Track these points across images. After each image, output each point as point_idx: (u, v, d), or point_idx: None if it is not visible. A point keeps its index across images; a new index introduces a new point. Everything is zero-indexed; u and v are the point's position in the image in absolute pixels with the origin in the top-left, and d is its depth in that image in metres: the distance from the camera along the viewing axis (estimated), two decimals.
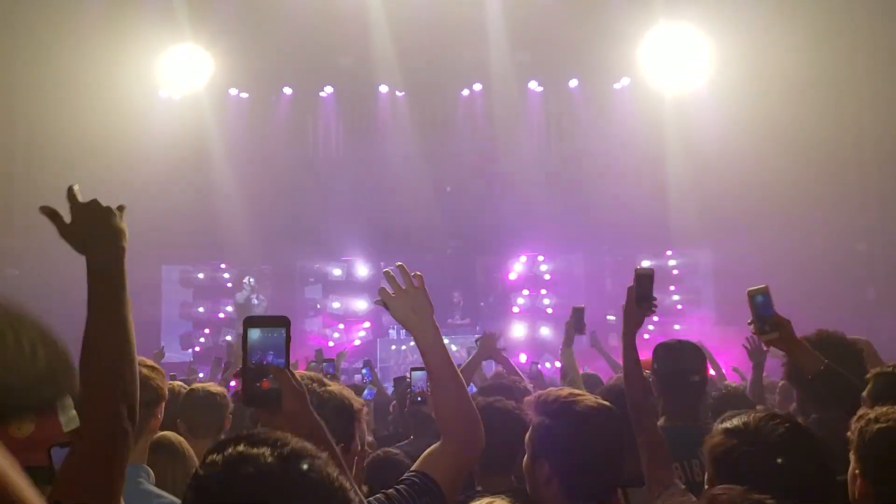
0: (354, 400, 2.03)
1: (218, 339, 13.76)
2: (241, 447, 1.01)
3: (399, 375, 7.41)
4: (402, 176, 13.89)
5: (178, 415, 3.09)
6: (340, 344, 13.37)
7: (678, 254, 14.31)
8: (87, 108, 11.86)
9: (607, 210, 13.87)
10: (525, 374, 5.17)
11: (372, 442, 3.79)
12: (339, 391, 2.00)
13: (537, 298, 14.96)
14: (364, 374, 7.55)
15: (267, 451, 1.00)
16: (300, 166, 14.42)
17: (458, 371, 2.03)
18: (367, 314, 14.67)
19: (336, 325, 14.73)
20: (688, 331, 11.82)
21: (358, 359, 11.02)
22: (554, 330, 13.52)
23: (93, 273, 1.54)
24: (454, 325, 13.39)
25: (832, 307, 9.82)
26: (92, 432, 1.43)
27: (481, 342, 4.97)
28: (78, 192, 1.60)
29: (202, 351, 13.52)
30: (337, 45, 13.58)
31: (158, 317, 13.55)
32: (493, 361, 5.38)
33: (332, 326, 14.69)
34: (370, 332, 14.59)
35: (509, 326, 13.66)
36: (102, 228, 1.57)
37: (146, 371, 2.30)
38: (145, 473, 2.25)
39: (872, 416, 1.76)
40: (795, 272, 10.53)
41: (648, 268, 2.78)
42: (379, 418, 5.78)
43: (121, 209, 1.63)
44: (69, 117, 11.86)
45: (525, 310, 14.78)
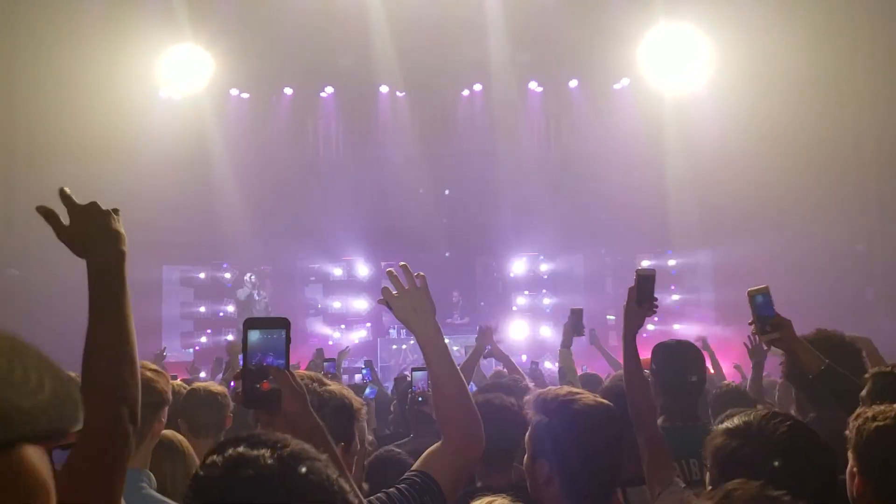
0: (354, 399, 2.03)
1: (219, 338, 13.76)
2: (241, 449, 1.01)
3: (399, 375, 7.42)
4: (402, 176, 13.89)
5: (179, 414, 3.09)
6: (341, 344, 13.37)
7: (678, 254, 14.31)
8: (87, 108, 11.85)
9: (607, 210, 13.88)
10: (525, 374, 5.17)
11: (372, 441, 3.79)
12: (338, 391, 2.00)
13: (537, 298, 14.97)
14: (364, 373, 7.55)
15: (267, 452, 1.00)
16: (300, 166, 14.42)
17: (460, 371, 2.03)
18: (367, 314, 14.67)
19: (336, 325, 14.73)
20: (689, 330, 11.82)
21: (358, 358, 11.02)
22: (554, 330, 13.52)
23: (94, 276, 1.53)
24: (453, 324, 13.37)
25: (831, 307, 9.82)
26: (93, 433, 1.39)
27: (478, 334, 4.97)
28: (70, 193, 1.57)
29: (203, 351, 13.53)
30: (337, 46, 13.59)
31: (159, 317, 13.56)
32: (493, 360, 5.38)
33: (332, 326, 14.70)
34: (370, 331, 14.59)
35: (509, 326, 13.66)
36: (102, 231, 1.55)
37: (150, 374, 2.29)
38: (147, 478, 2.24)
39: (870, 414, 1.76)
40: (795, 272, 10.54)
41: (650, 269, 2.79)
42: (379, 418, 5.78)
43: (116, 212, 1.61)
44: (69, 117, 11.85)
45: (525, 310, 14.79)
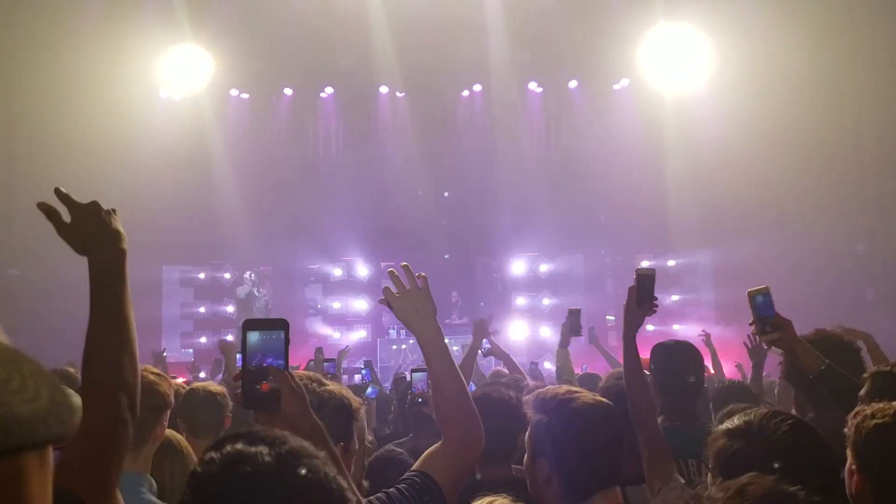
0: (353, 399, 2.04)
1: (218, 339, 13.75)
2: (239, 445, 1.01)
3: (398, 375, 7.41)
4: (401, 176, 13.89)
5: (178, 414, 3.09)
6: (340, 344, 13.36)
7: (678, 254, 14.30)
8: (87, 108, 11.86)
9: (607, 210, 13.89)
10: (525, 374, 5.17)
11: (372, 441, 3.79)
12: (338, 391, 2.00)
13: (537, 299, 14.96)
14: (364, 373, 7.55)
15: (265, 449, 1.00)
16: (300, 167, 14.42)
17: (460, 371, 2.03)
18: (366, 314, 14.67)
19: (336, 325, 14.73)
20: (688, 331, 11.81)
21: (357, 359, 11.02)
22: (553, 330, 13.49)
23: (95, 274, 1.55)
24: (452, 325, 13.32)
25: (831, 307, 9.80)
26: (91, 422, 1.42)
27: (473, 327, 4.95)
28: (67, 193, 1.59)
29: (202, 351, 13.52)
30: (337, 46, 13.59)
31: (159, 317, 13.56)
32: (493, 358, 5.38)
33: (332, 326, 14.70)
34: (370, 332, 14.58)
35: (509, 326, 13.66)
36: (103, 230, 1.58)
37: (152, 377, 2.31)
38: (147, 483, 2.24)
39: (869, 412, 1.75)
40: (795, 272, 10.54)
41: (650, 268, 2.79)
42: (379, 417, 5.78)
43: (114, 212, 1.63)
44: (69, 117, 11.86)
45: (525, 310, 14.78)
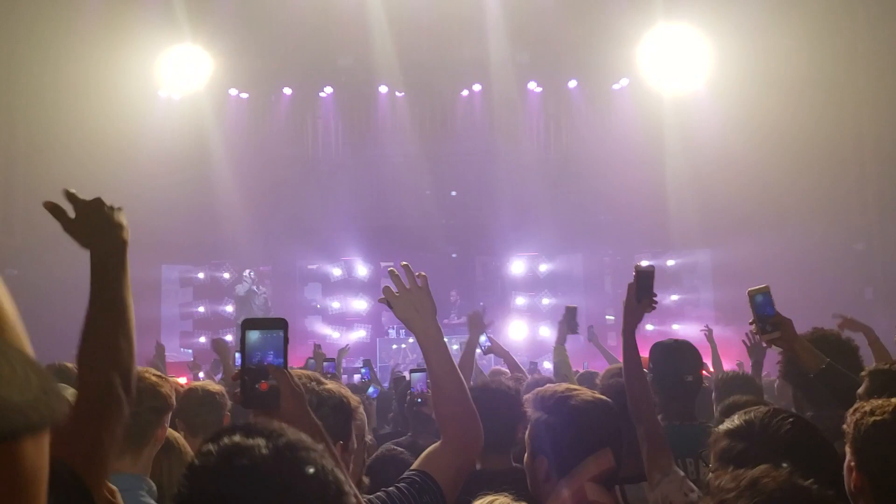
0: (351, 398, 2.04)
1: (223, 339, 13.74)
2: (236, 438, 1.01)
3: (397, 375, 7.41)
4: (401, 176, 13.90)
5: (176, 413, 3.09)
6: (340, 343, 13.35)
7: (677, 254, 14.31)
8: (87, 108, 11.86)
9: (607, 210, 13.89)
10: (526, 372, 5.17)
11: (371, 440, 3.79)
12: (336, 389, 2.00)
13: (536, 298, 14.97)
14: (363, 373, 7.55)
15: (262, 442, 1.00)
16: (300, 166, 14.42)
17: (459, 370, 2.04)
18: (366, 314, 14.67)
19: (335, 325, 14.73)
20: (688, 330, 11.81)
21: (357, 358, 11.01)
22: (553, 330, 13.48)
23: (96, 260, 1.61)
24: (451, 324, 13.26)
25: (830, 307, 9.79)
26: (86, 398, 1.48)
27: (469, 321, 4.91)
28: (75, 192, 1.65)
29: (202, 350, 13.51)
30: (337, 46, 13.60)
31: (158, 317, 13.55)
32: (492, 356, 5.36)
33: (331, 326, 14.70)
34: (369, 332, 14.58)
35: (509, 326, 13.66)
36: (106, 223, 1.63)
37: (154, 379, 2.33)
38: (147, 486, 2.23)
39: (868, 408, 1.74)
40: (794, 272, 10.55)
41: (649, 265, 2.80)
42: (380, 416, 5.78)
43: (119, 210, 1.68)
44: (69, 117, 11.86)
45: (524, 310, 14.78)
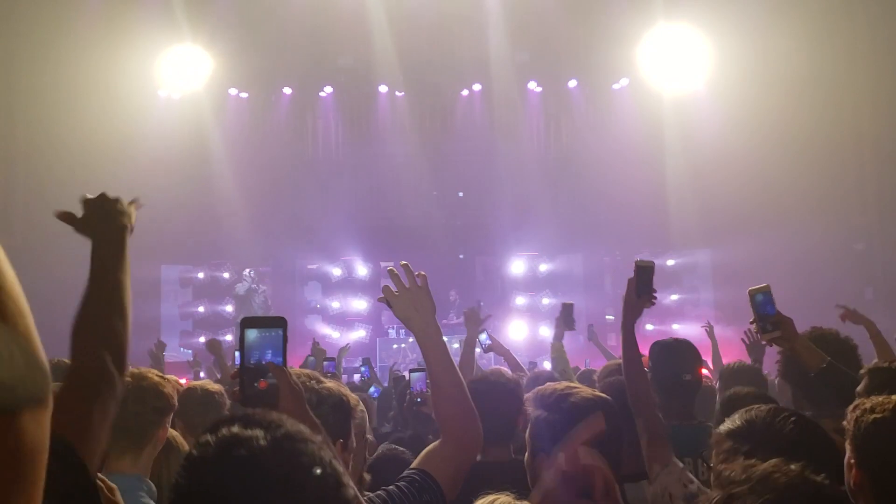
0: (350, 396, 2.04)
1: (217, 338, 13.71)
2: (234, 429, 1.00)
3: (396, 374, 7.42)
4: (401, 176, 13.89)
5: (176, 413, 3.08)
6: (339, 343, 13.34)
7: (677, 253, 14.31)
8: (86, 107, 11.85)
9: (607, 210, 13.88)
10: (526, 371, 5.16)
11: (372, 440, 3.79)
12: (336, 388, 2.01)
13: (536, 298, 14.96)
14: (363, 371, 7.57)
15: (261, 433, 0.99)
16: (300, 166, 14.42)
17: (458, 369, 2.04)
18: (366, 314, 14.66)
19: (335, 325, 14.73)
20: (688, 330, 11.80)
21: (356, 358, 11.01)
22: (553, 330, 13.47)
23: (96, 243, 1.66)
24: (449, 325, 13.19)
25: (830, 306, 9.80)
26: (78, 373, 1.50)
27: (465, 318, 4.90)
28: (86, 197, 1.74)
29: (202, 350, 13.50)
30: (337, 45, 13.59)
31: (158, 316, 13.53)
32: (492, 355, 5.35)
33: (331, 326, 14.69)
34: (370, 331, 14.58)
35: (508, 326, 13.66)
36: (107, 210, 1.70)
37: (157, 379, 2.35)
38: (147, 487, 2.24)
39: (869, 405, 1.74)
40: (793, 271, 10.54)
41: (649, 260, 2.79)
42: (380, 414, 5.78)
43: (135, 202, 1.78)
44: (69, 117, 11.85)
45: (524, 310, 14.78)
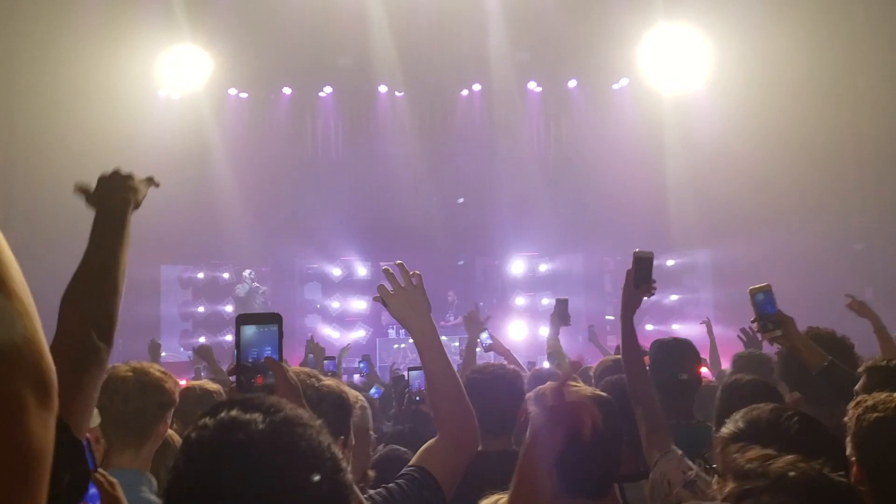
0: (350, 393, 2.05)
1: (217, 338, 13.75)
2: (233, 412, 0.99)
3: (395, 374, 7.41)
4: (401, 176, 13.89)
5: (174, 412, 3.09)
6: (339, 343, 13.34)
7: (677, 253, 14.31)
8: (86, 107, 11.85)
9: (607, 210, 13.88)
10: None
11: (374, 436, 3.79)
12: (336, 386, 2.01)
13: (536, 298, 14.95)
14: (362, 367, 7.59)
15: (259, 417, 0.98)
16: (299, 166, 14.42)
17: (455, 370, 2.05)
18: (366, 314, 14.66)
19: (335, 325, 14.73)
20: (688, 330, 11.79)
21: (356, 358, 11.01)
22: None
23: (99, 214, 1.68)
24: (447, 325, 13.17)
25: (830, 306, 9.80)
26: (62, 341, 1.49)
27: (465, 321, 4.90)
28: (85, 185, 1.76)
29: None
30: (337, 45, 13.58)
31: (158, 317, 13.54)
32: (492, 354, 5.36)
33: (331, 326, 14.69)
34: (369, 331, 14.58)
35: (508, 326, 13.65)
36: (113, 184, 1.75)
37: (159, 374, 2.35)
38: (148, 482, 2.24)
39: (870, 403, 1.73)
40: (793, 271, 10.54)
41: (648, 251, 2.80)
42: (382, 414, 5.78)
43: (150, 180, 1.85)
44: (68, 117, 11.85)
45: (524, 310, 14.77)
